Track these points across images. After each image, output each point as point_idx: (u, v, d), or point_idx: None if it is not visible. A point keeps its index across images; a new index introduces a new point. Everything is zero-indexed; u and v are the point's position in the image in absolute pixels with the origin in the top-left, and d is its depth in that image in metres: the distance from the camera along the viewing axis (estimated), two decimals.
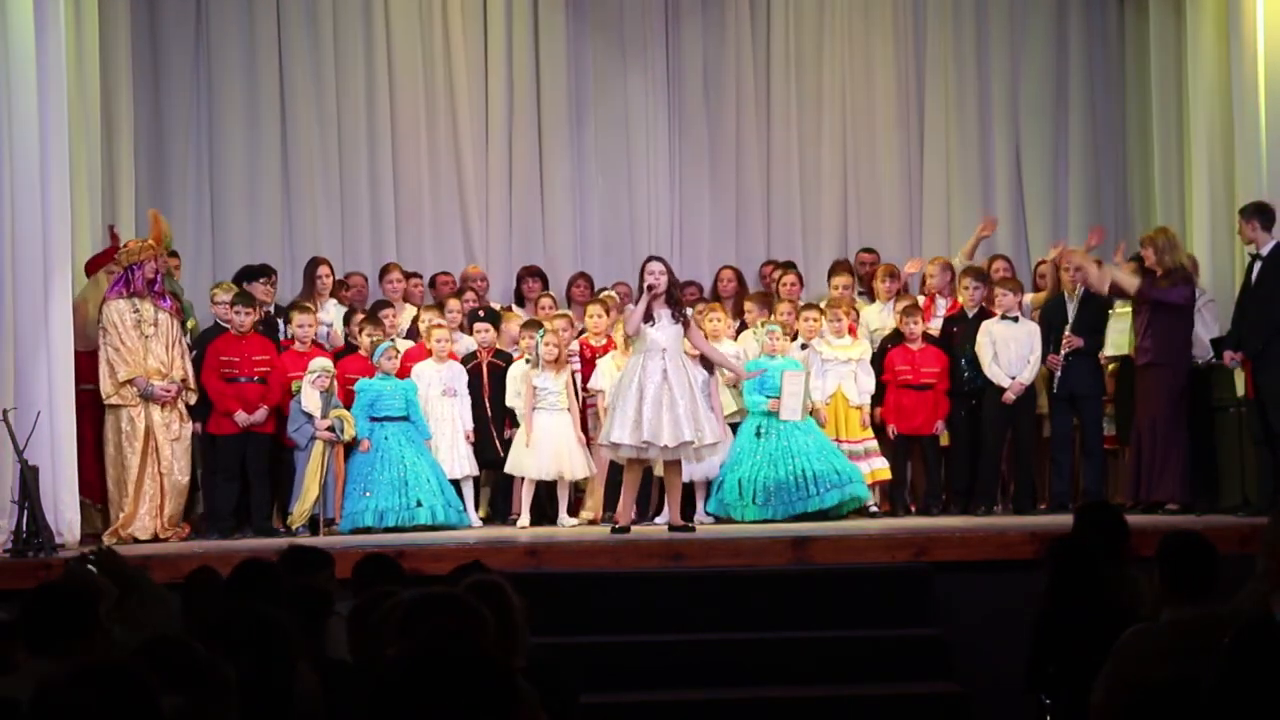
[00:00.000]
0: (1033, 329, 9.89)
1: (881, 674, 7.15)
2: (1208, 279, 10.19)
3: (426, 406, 9.79)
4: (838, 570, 7.78)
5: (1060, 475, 9.82)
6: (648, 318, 8.76)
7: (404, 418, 9.64)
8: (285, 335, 10.08)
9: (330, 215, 11.63)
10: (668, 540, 8.37)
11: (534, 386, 9.64)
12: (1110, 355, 9.90)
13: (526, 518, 9.58)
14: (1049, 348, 9.81)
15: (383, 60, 11.74)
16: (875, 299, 10.85)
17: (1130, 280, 9.39)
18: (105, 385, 9.16)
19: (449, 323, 10.24)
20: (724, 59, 12.00)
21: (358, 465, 9.55)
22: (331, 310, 10.58)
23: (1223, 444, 9.36)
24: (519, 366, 9.91)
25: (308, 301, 10.25)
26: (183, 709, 3.17)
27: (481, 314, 10.63)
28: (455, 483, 9.74)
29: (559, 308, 10.73)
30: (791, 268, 11.07)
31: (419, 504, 9.41)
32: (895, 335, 10.27)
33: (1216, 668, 3.48)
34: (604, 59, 11.99)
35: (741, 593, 7.61)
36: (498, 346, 10.25)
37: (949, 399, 10.03)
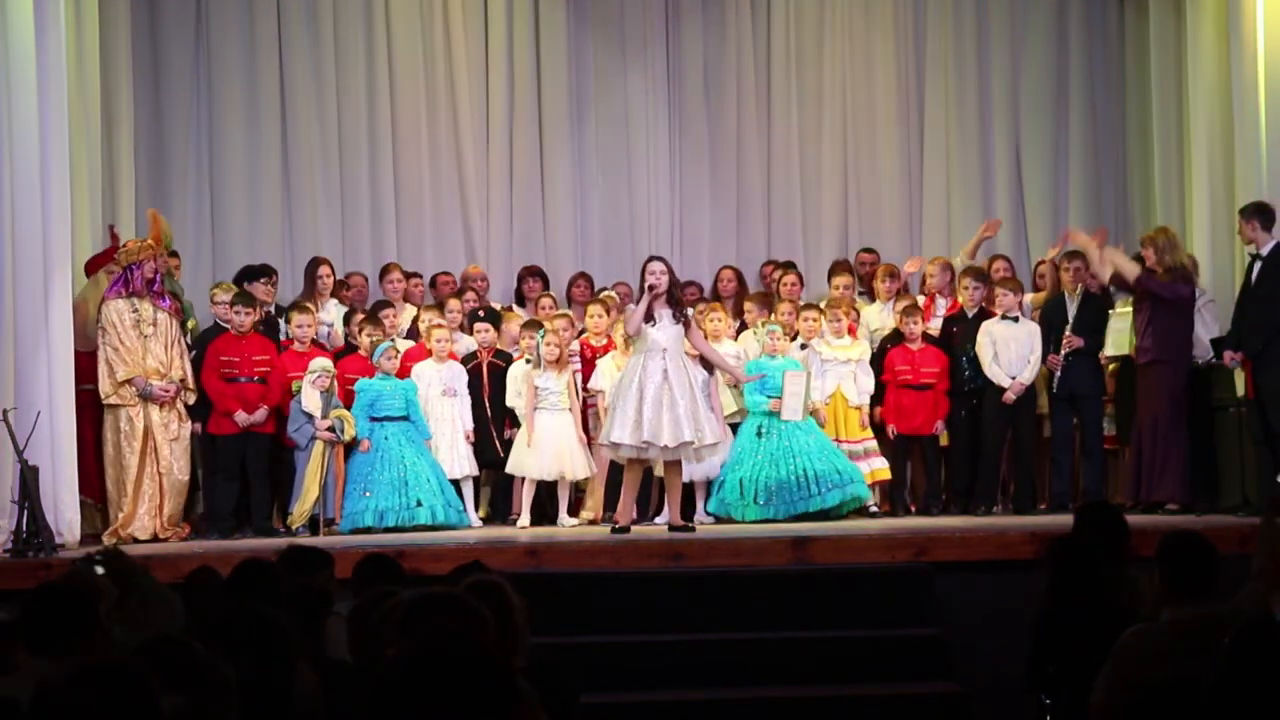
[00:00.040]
0: (1033, 329, 9.89)
1: (881, 674, 7.14)
2: (1208, 279, 10.19)
3: (426, 406, 9.79)
4: (838, 570, 7.78)
5: (1060, 475, 9.83)
6: (649, 318, 8.75)
7: (404, 418, 9.64)
8: (285, 335, 10.09)
9: (330, 215, 11.63)
10: (668, 540, 8.37)
11: (535, 387, 9.64)
12: (1110, 355, 9.89)
13: (527, 518, 9.58)
14: (1049, 348, 9.81)
15: (383, 59, 11.73)
16: (875, 299, 10.85)
17: (1131, 266, 9.38)
18: (104, 385, 9.16)
19: (449, 323, 10.24)
20: (724, 57, 12.00)
21: (358, 465, 9.55)
22: (332, 310, 10.58)
23: (1223, 444, 9.36)
24: (519, 366, 9.91)
25: (309, 301, 10.25)
26: (183, 709, 3.17)
27: (482, 314, 10.63)
28: (455, 483, 9.74)
29: (559, 308, 10.73)
30: (792, 268, 11.07)
31: (419, 504, 9.41)
32: (895, 335, 10.28)
33: (1216, 668, 3.48)
34: (604, 56, 11.99)
35: (741, 593, 7.61)
36: (498, 346, 10.25)
37: (949, 399, 10.04)
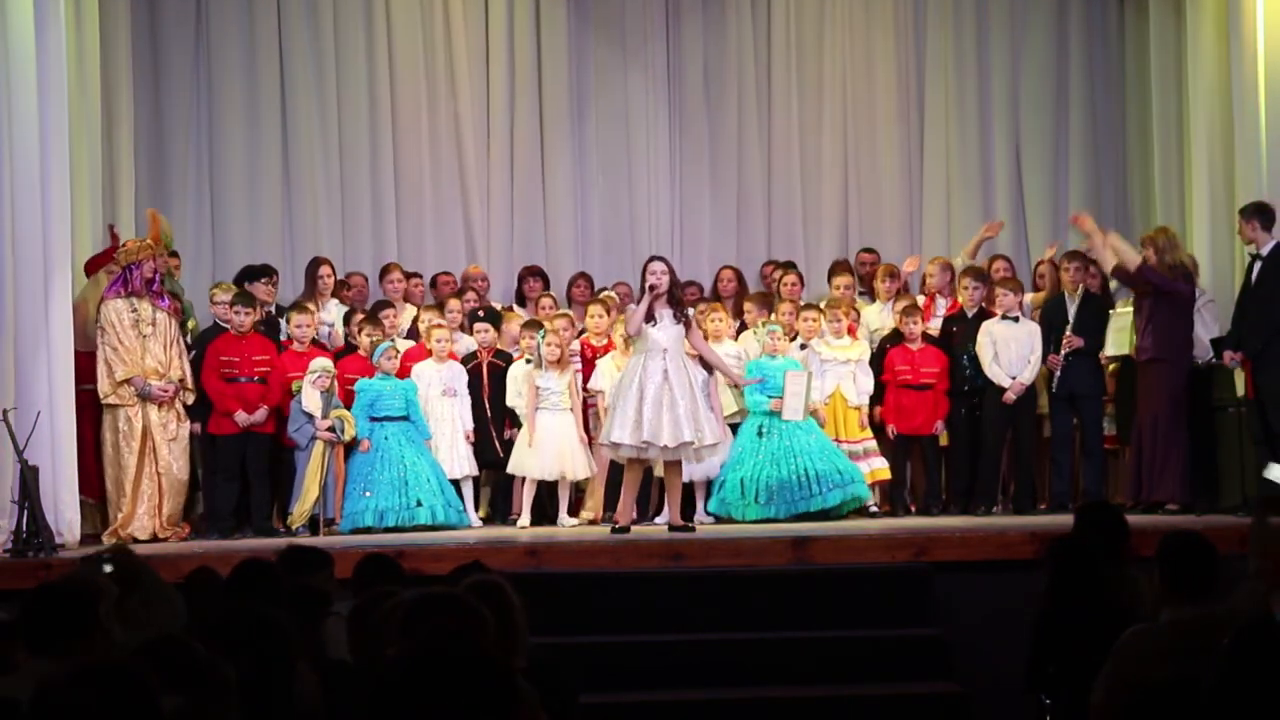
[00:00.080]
0: (1033, 329, 9.89)
1: (881, 674, 7.14)
2: (1208, 279, 10.19)
3: (426, 406, 9.79)
4: (838, 570, 7.78)
5: (1060, 475, 9.83)
6: (649, 318, 8.75)
7: (404, 418, 9.64)
8: (285, 335, 10.09)
9: (331, 214, 11.62)
10: (668, 540, 8.37)
11: (537, 387, 9.64)
12: (1110, 355, 9.89)
13: (527, 518, 9.58)
14: (1049, 348, 9.81)
15: (384, 59, 11.73)
16: (875, 299, 10.85)
17: (1132, 254, 9.37)
18: (103, 385, 9.16)
19: (449, 323, 10.24)
20: (724, 54, 12.00)
21: (358, 465, 9.54)
22: (333, 310, 10.58)
23: (1223, 444, 9.35)
24: (520, 367, 9.91)
25: (309, 301, 10.25)
26: (183, 709, 3.17)
27: (482, 314, 10.63)
28: (455, 483, 9.74)
29: (559, 308, 10.72)
30: (792, 268, 11.06)
31: (419, 504, 9.41)
32: (895, 335, 10.28)
33: (1216, 668, 3.48)
34: (605, 53, 11.98)
35: (741, 593, 7.60)
36: (498, 346, 10.24)
37: (949, 399, 10.04)
